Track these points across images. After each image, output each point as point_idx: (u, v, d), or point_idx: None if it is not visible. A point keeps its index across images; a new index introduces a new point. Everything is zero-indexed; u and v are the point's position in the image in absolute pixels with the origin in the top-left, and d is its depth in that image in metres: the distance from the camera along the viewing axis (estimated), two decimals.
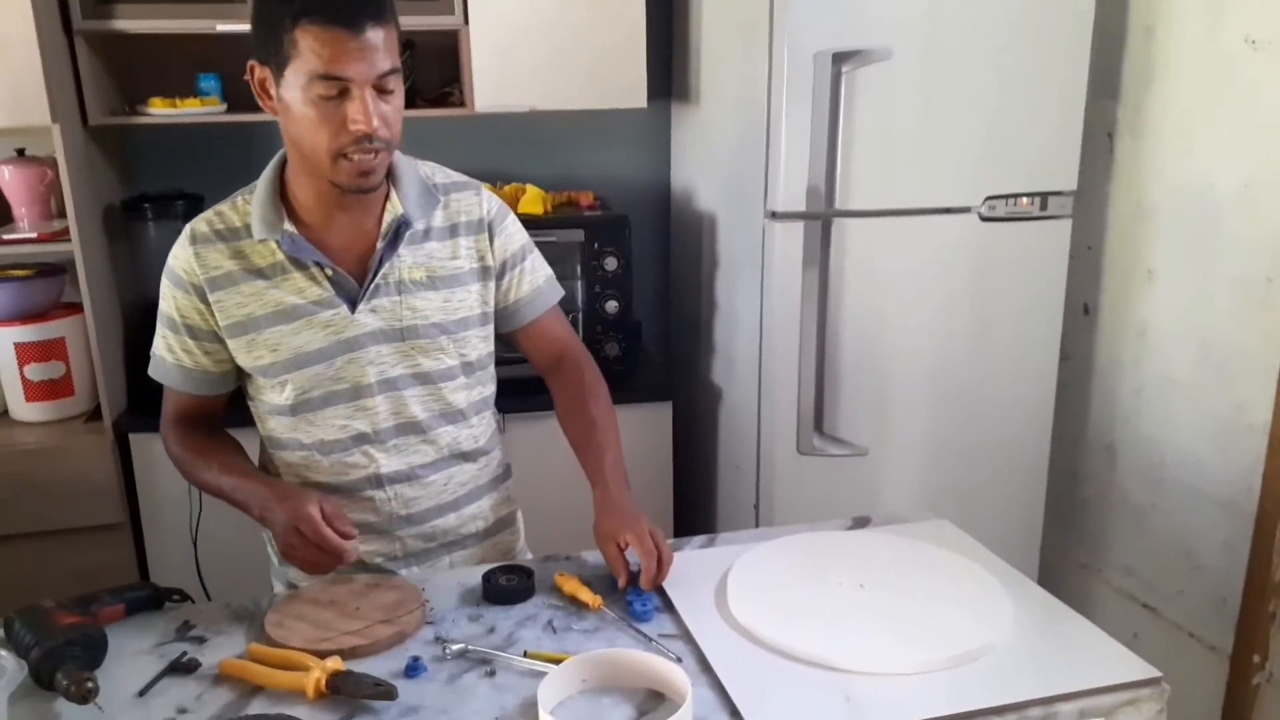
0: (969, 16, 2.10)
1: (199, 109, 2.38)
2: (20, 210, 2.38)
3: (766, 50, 2.09)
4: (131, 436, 2.29)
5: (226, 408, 1.51)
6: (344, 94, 1.24)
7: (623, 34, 2.45)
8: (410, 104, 2.47)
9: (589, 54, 2.44)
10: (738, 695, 1.11)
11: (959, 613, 1.27)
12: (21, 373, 2.29)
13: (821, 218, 2.14)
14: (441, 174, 1.48)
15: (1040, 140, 2.22)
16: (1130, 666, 1.17)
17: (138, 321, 2.47)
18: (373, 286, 1.38)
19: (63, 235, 2.24)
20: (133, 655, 1.22)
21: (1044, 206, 2.26)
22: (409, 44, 2.44)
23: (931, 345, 2.27)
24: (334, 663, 1.13)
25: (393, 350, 1.41)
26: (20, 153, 2.39)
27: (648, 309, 2.95)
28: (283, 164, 1.39)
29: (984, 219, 2.22)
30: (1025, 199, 2.24)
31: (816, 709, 1.10)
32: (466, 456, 1.51)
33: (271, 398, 1.42)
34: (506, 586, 1.34)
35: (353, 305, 1.38)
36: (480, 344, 1.48)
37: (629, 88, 2.48)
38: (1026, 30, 2.14)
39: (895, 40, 2.07)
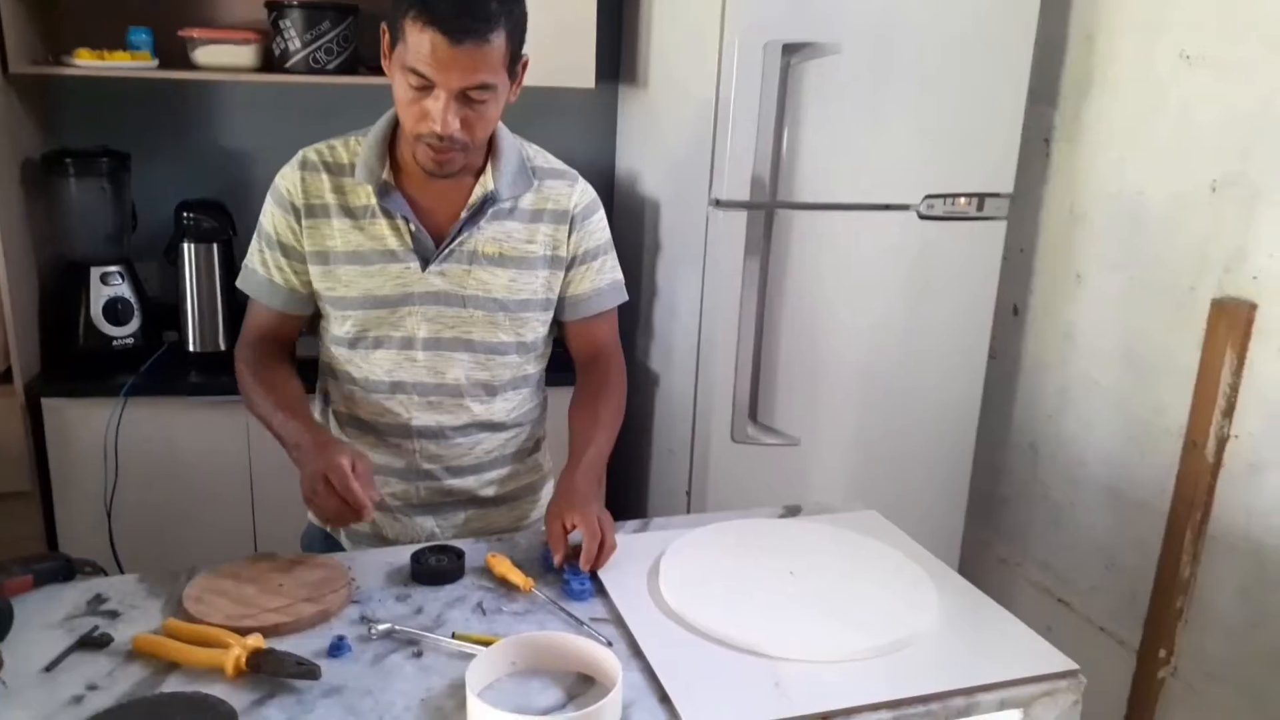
0: (919, 17, 2.12)
1: (129, 62, 2.29)
2: None
3: (718, 37, 2.08)
4: (44, 401, 2.20)
5: (299, 333, 1.55)
6: (431, 89, 1.28)
7: (572, 12, 2.42)
8: (352, 70, 2.42)
9: (537, 30, 2.37)
10: (668, 680, 1.11)
11: (887, 602, 1.29)
12: None
13: (765, 208, 2.14)
14: (543, 158, 1.53)
15: (980, 142, 2.25)
16: (1049, 659, 1.20)
17: (55, 283, 2.37)
18: (447, 251, 1.43)
19: None
20: (40, 629, 1.17)
21: (980, 207, 2.29)
22: (352, 9, 2.38)
23: (866, 339, 2.30)
24: (255, 640, 1.10)
25: (452, 314, 1.46)
26: None
27: None
28: (395, 118, 1.41)
29: (922, 217, 2.25)
30: (963, 199, 2.27)
31: (746, 694, 1.10)
32: (496, 427, 1.56)
33: (335, 328, 1.49)
34: (435, 566, 1.33)
35: (425, 264, 1.43)
36: (539, 326, 1.53)
37: (577, 67, 2.45)
38: (973, 33, 2.17)
39: (845, 35, 2.08)
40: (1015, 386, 2.54)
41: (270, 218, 1.46)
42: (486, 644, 1.13)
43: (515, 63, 1.35)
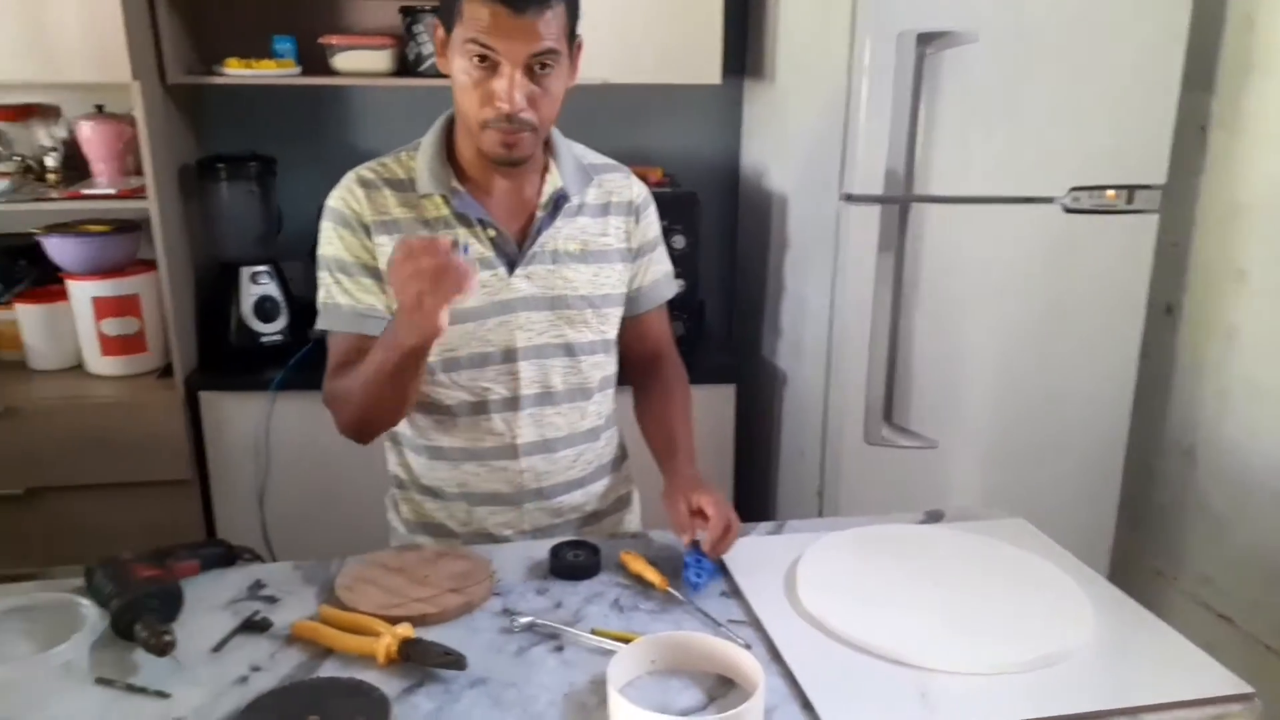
0: (1060, 1, 2.03)
1: (274, 70, 2.39)
2: (99, 166, 2.41)
3: (849, 28, 2.04)
4: (201, 394, 2.32)
5: None
6: (495, 68, 1.25)
7: (699, 8, 2.41)
8: None
9: (664, 28, 2.41)
10: (809, 686, 1.09)
11: (1038, 614, 1.24)
12: (98, 327, 2.33)
13: (899, 202, 2.09)
14: (592, 155, 1.50)
15: (1130, 131, 2.14)
16: (1220, 680, 1.13)
17: (209, 281, 2.50)
18: (531, 253, 1.40)
19: (139, 192, 2.26)
20: (206, 611, 1.22)
21: (1130, 200, 2.18)
22: None
23: (1007, 337, 2.22)
24: (404, 629, 1.13)
25: (543, 318, 1.42)
26: (100, 109, 2.43)
27: (711, 289, 2.92)
28: (448, 124, 1.40)
29: (1067, 210, 2.15)
30: (1111, 191, 2.17)
31: (890, 705, 1.07)
32: (594, 433, 1.53)
33: None
34: (574, 562, 1.34)
35: (511, 268, 1.39)
36: (616, 323, 1.51)
37: (703, 63, 2.44)
38: (1120, 17, 2.06)
39: (983, 22, 2.01)
40: (1169, 389, 2.40)
41: (337, 243, 1.37)
42: (625, 641, 1.13)
43: (573, 38, 1.32)
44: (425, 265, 1.13)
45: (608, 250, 1.46)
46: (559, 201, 1.41)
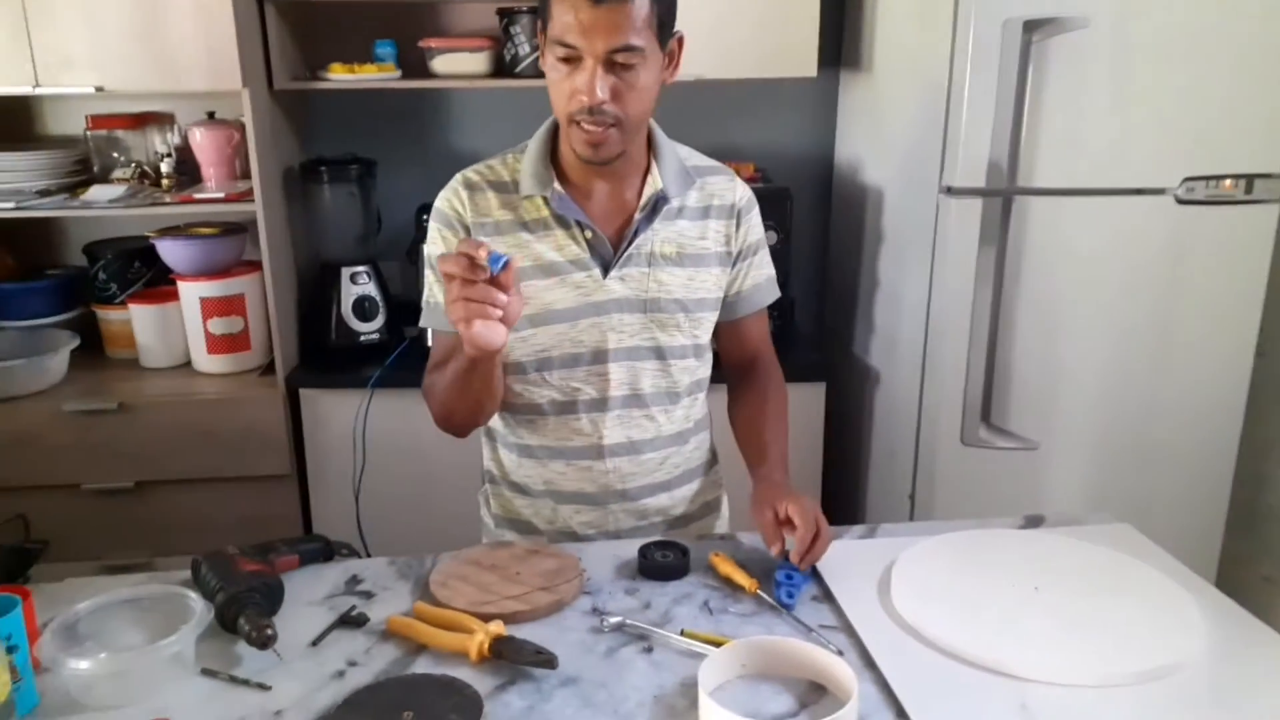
0: None
1: (375, 75, 2.44)
2: (209, 170, 2.51)
3: (951, 16, 1.99)
4: (302, 392, 2.39)
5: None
6: (577, 62, 1.25)
7: (795, 1, 2.37)
8: None
9: (758, 21, 2.38)
10: (904, 695, 1.07)
11: (1145, 624, 1.18)
12: (205, 326, 2.42)
13: (1002, 195, 2.03)
14: (697, 157, 1.49)
15: (1247, 118, 2.04)
16: None
17: (310, 281, 2.58)
18: (625, 255, 1.40)
19: (247, 196, 2.34)
20: (305, 605, 1.26)
21: (1249, 190, 2.08)
22: None
23: (1113, 335, 2.13)
24: (496, 627, 1.14)
25: (635, 320, 1.42)
26: (210, 116, 2.52)
27: (802, 285, 2.88)
28: (554, 126, 1.41)
29: (1180, 202, 2.06)
30: (1228, 181, 2.06)
31: (989, 715, 1.04)
32: (681, 437, 1.52)
33: (511, 351, 1.42)
34: (663, 562, 1.33)
35: (605, 270, 1.40)
36: (710, 327, 1.50)
37: (799, 57, 2.40)
38: None
39: (1091, 7, 1.93)
40: None
41: (442, 242, 1.41)
42: (715, 644, 1.12)
43: (666, 34, 1.30)
44: (458, 291, 1.14)
45: (705, 254, 1.45)
46: (658, 203, 1.40)
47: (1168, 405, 2.18)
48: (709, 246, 1.45)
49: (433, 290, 1.43)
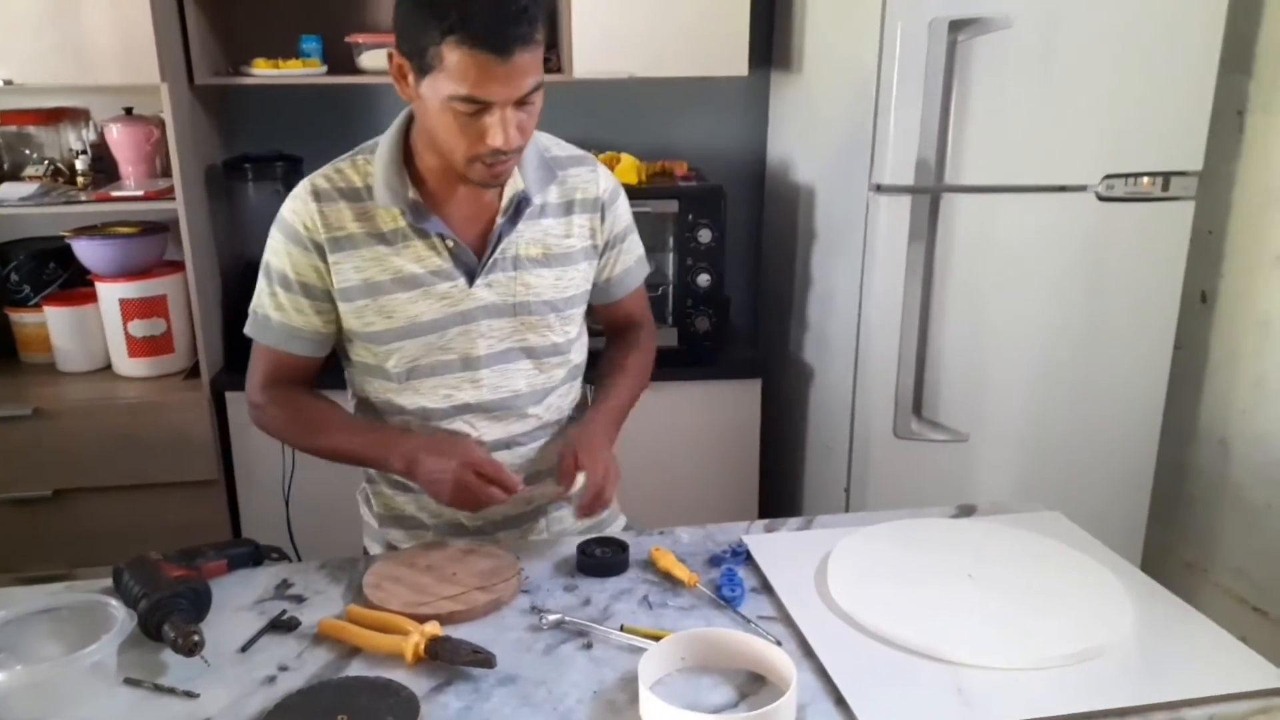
0: None
1: (300, 70, 2.39)
2: (127, 168, 2.42)
3: (879, 16, 2.01)
4: (228, 394, 2.32)
5: (316, 378, 1.47)
6: (484, 110, 1.21)
7: (725, 1, 2.38)
8: None
9: (690, 20, 2.38)
10: (843, 682, 1.07)
11: (1076, 608, 1.21)
12: (125, 328, 2.34)
13: (930, 192, 2.06)
14: (558, 146, 1.46)
15: (1165, 117, 2.10)
16: (1261, 673, 1.11)
17: (235, 281, 2.51)
18: (490, 261, 1.37)
19: (167, 194, 2.27)
20: (234, 611, 1.23)
21: (1166, 187, 2.14)
22: None
23: (1039, 329, 2.18)
24: (433, 628, 1.12)
25: (504, 325, 1.40)
26: (128, 111, 2.44)
27: (736, 283, 2.89)
28: (405, 128, 1.37)
29: (1101, 198, 2.11)
30: (1147, 179, 2.12)
31: (926, 701, 1.06)
32: (559, 423, 1.52)
33: (377, 363, 1.40)
34: (601, 559, 1.33)
35: (470, 278, 1.37)
36: (581, 319, 1.50)
37: (730, 56, 2.41)
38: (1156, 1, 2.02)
39: (1015, 8, 1.97)
40: (1203, 379, 2.36)
41: (285, 257, 1.35)
42: (655, 638, 1.12)
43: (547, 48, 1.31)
44: (484, 493, 1.30)
45: (571, 252, 1.43)
46: (520, 205, 1.36)
47: (1093, 396, 2.23)
48: (574, 244, 1.43)
49: (263, 301, 1.39)
